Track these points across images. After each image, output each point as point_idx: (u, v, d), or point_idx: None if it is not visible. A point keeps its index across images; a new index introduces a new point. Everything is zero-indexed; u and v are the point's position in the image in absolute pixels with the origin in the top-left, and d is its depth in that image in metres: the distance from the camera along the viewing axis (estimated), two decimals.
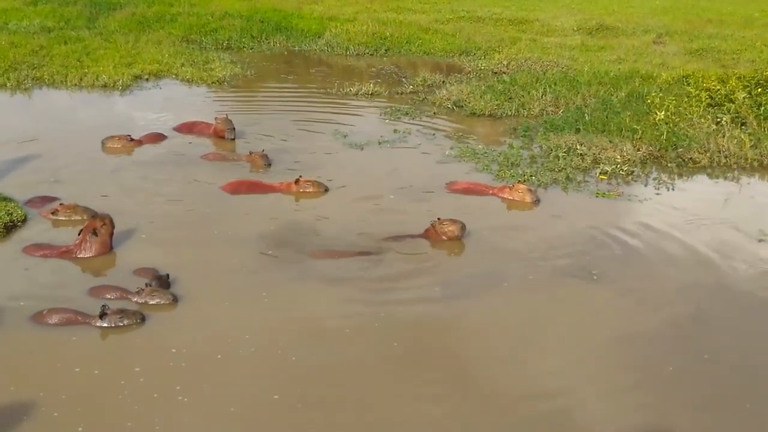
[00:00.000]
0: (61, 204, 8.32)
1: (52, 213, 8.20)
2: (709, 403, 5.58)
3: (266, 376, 5.70)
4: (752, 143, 10.93)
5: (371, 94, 14.20)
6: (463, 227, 7.95)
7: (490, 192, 9.33)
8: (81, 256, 7.35)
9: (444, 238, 7.91)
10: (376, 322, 6.44)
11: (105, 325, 6.15)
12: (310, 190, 9.17)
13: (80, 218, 8.09)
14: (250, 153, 10.27)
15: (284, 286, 6.96)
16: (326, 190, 9.24)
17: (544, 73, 15.10)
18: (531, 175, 9.90)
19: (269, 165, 10.06)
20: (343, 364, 5.88)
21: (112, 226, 7.55)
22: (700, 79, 13.13)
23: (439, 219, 8.00)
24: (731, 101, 12.06)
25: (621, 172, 10.12)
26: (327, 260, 7.40)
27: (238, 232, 8.02)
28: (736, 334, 6.48)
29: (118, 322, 6.17)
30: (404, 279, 7.17)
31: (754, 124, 11.58)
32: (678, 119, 11.65)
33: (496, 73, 15.93)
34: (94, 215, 8.06)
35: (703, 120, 11.70)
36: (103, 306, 6.20)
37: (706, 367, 6.00)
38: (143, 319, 6.29)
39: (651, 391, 5.68)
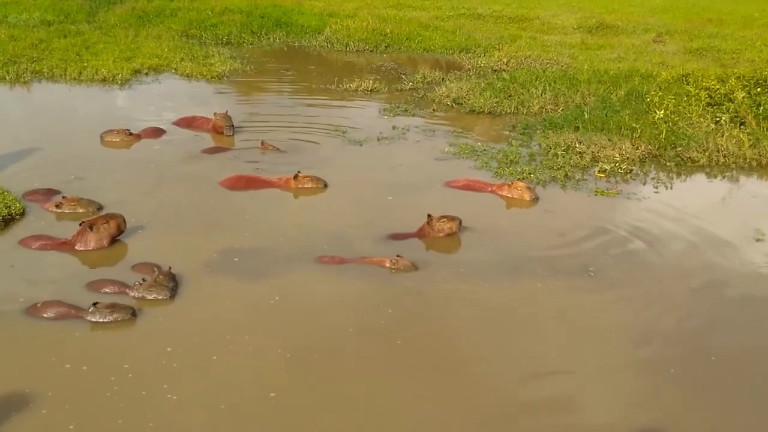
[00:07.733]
0: (63, 197, 8.33)
1: (56, 206, 8.20)
2: (710, 402, 5.56)
3: (264, 375, 5.64)
4: (751, 143, 10.95)
5: (371, 90, 14.20)
6: (459, 222, 7.95)
7: (489, 189, 9.33)
8: (79, 248, 7.35)
9: (441, 234, 7.90)
10: (379, 320, 6.41)
11: (96, 319, 6.12)
12: (309, 185, 9.17)
13: (84, 211, 8.11)
14: (263, 143, 10.64)
15: (284, 283, 6.93)
16: (325, 185, 9.24)
17: (544, 71, 15.10)
18: (530, 173, 9.90)
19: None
20: (343, 362, 5.84)
21: (118, 228, 7.55)
22: (700, 79, 13.14)
23: (432, 216, 7.96)
24: (730, 101, 12.07)
25: (620, 170, 10.12)
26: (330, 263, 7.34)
27: (236, 228, 8.00)
28: (732, 333, 6.46)
29: (108, 315, 6.13)
30: (404, 279, 7.15)
31: (753, 123, 11.58)
32: (677, 118, 11.66)
33: (495, 70, 15.95)
34: (99, 207, 8.21)
35: (702, 119, 11.73)
36: (95, 303, 6.19)
37: (710, 369, 5.95)
38: (134, 313, 6.24)
39: (652, 391, 5.65)
